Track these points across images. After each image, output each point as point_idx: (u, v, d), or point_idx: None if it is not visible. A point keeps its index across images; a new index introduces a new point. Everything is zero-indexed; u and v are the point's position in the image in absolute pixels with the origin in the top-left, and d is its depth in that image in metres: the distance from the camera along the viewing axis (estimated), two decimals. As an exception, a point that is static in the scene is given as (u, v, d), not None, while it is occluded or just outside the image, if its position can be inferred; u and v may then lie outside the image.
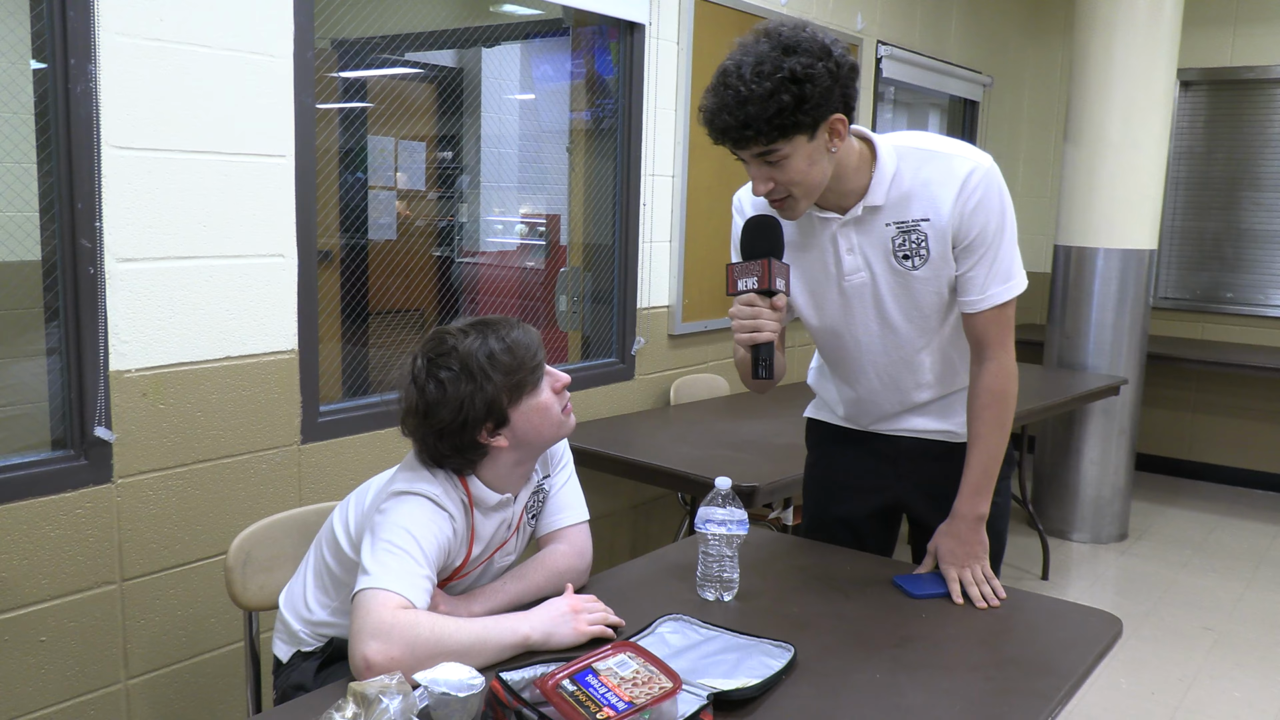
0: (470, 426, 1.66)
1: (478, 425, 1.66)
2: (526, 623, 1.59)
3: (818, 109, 1.63)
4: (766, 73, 1.59)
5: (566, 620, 1.61)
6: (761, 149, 1.66)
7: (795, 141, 1.65)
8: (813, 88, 1.60)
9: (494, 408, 1.66)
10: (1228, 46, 5.94)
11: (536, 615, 1.61)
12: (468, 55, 4.41)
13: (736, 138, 1.66)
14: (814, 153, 1.68)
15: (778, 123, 1.61)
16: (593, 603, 1.68)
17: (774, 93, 1.59)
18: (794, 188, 1.72)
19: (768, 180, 1.72)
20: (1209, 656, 3.79)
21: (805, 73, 1.59)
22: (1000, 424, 1.90)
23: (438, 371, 1.66)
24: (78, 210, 2.17)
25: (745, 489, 2.63)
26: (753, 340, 1.75)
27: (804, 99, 1.60)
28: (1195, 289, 6.27)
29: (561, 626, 1.60)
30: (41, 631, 2.23)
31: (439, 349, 1.69)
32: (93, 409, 2.24)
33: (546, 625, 1.59)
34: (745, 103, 1.60)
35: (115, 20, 2.18)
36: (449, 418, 1.65)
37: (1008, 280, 1.84)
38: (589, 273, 3.87)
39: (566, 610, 1.63)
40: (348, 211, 3.67)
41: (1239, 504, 5.79)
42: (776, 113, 1.60)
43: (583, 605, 1.66)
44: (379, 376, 3.46)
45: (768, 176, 1.71)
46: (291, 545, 2.02)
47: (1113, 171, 4.85)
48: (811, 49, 1.61)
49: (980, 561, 1.89)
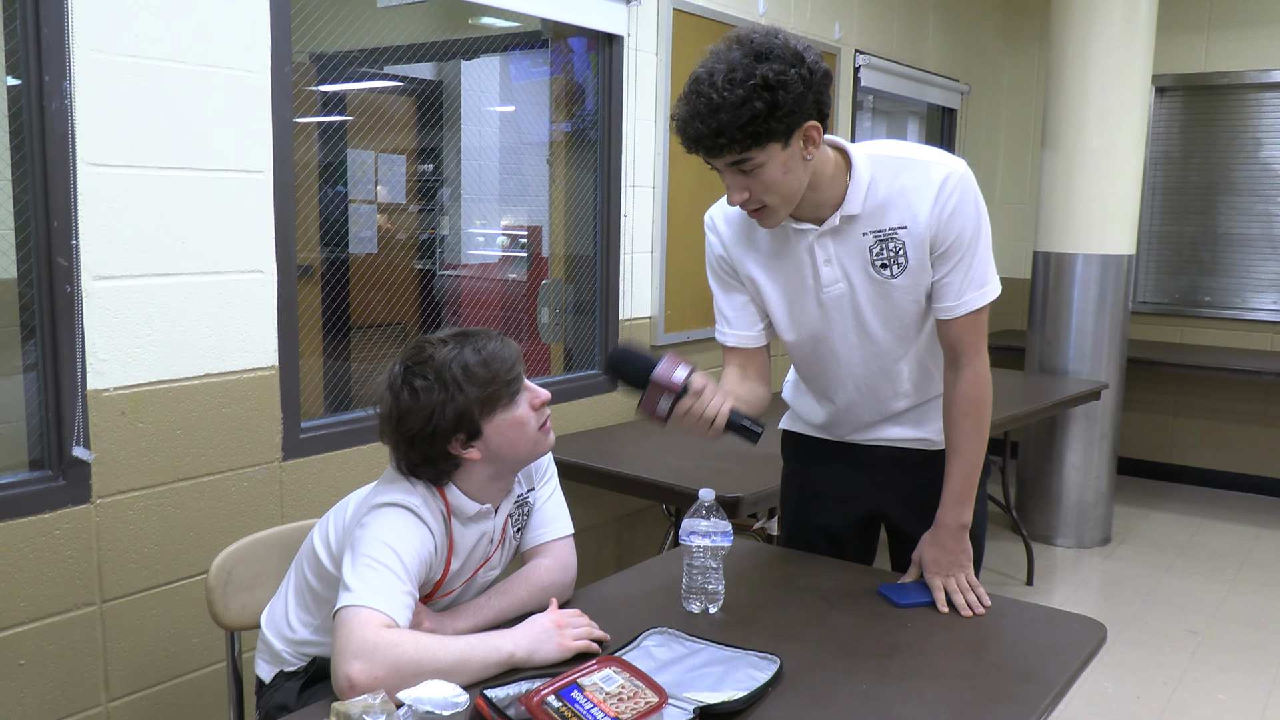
0: (440, 436, 1.65)
1: (447, 435, 1.66)
2: (510, 640, 1.58)
3: (791, 116, 1.61)
4: (739, 80, 1.58)
5: (551, 636, 1.60)
6: (735, 157, 1.64)
7: (769, 149, 1.63)
8: (785, 94, 1.59)
9: (465, 419, 1.66)
10: (1201, 52, 6.00)
11: (520, 632, 1.60)
12: (447, 68, 4.41)
13: (709, 146, 1.64)
14: (789, 161, 1.66)
15: (750, 130, 1.59)
16: (577, 618, 1.67)
17: (746, 100, 1.57)
18: (769, 197, 1.70)
19: (743, 190, 1.70)
20: (1193, 659, 3.81)
21: (778, 79, 1.58)
22: (979, 431, 1.90)
23: (413, 379, 1.67)
24: (54, 228, 2.15)
25: (729, 500, 2.63)
26: (720, 425, 1.70)
27: (777, 106, 1.59)
28: (1174, 293, 6.32)
29: (546, 643, 1.59)
30: (20, 655, 2.21)
31: (417, 357, 1.69)
32: (70, 428, 2.22)
33: (531, 642, 1.58)
34: (717, 110, 1.59)
35: (90, 36, 2.17)
36: (419, 426, 1.65)
37: (982, 286, 1.84)
38: (571, 284, 3.87)
39: (550, 626, 1.62)
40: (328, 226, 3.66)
41: (1220, 506, 5.82)
42: (749, 120, 1.58)
43: (567, 620, 1.65)
44: (361, 391, 3.45)
45: (743, 186, 1.69)
46: (273, 564, 2.00)
47: (1091, 177, 4.88)
48: (784, 55, 1.60)
49: (964, 570, 1.89)
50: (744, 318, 1.96)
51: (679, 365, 1.69)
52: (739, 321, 1.97)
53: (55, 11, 2.11)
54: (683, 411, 1.68)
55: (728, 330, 1.98)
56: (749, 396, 1.91)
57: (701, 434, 1.70)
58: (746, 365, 1.98)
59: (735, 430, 1.71)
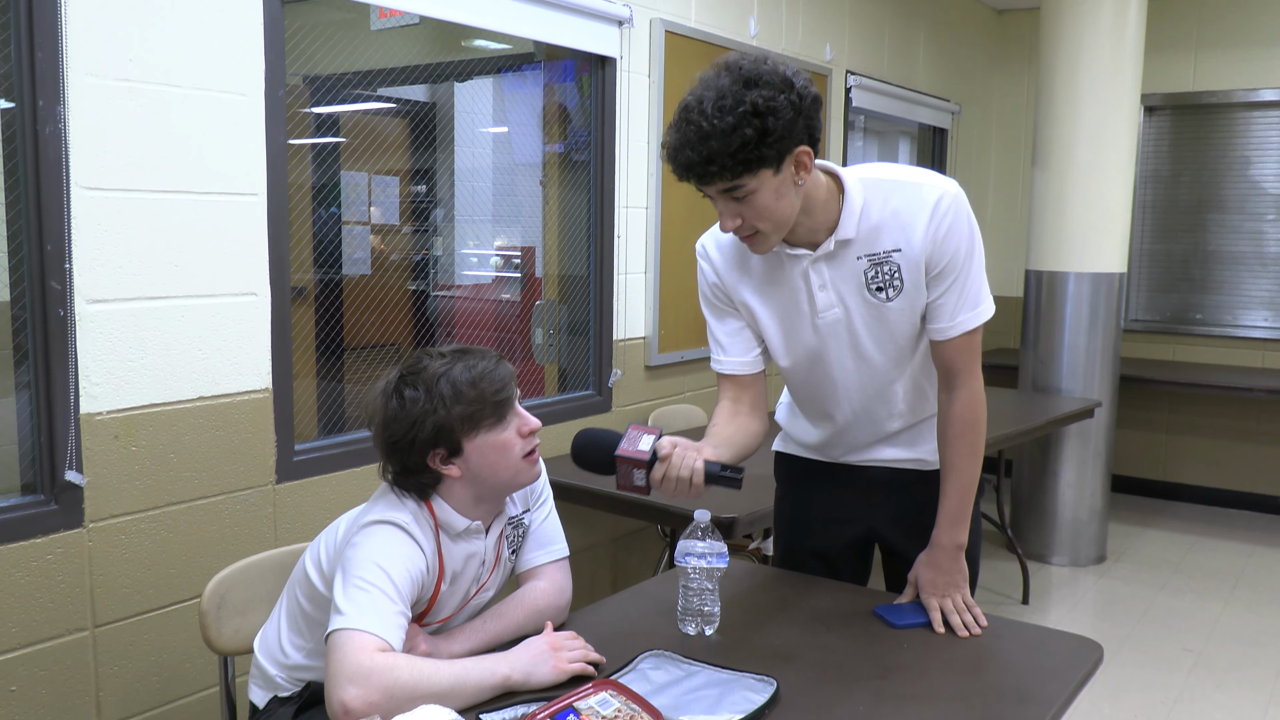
0: (418, 447, 1.66)
1: (426, 448, 1.66)
2: (505, 663, 1.57)
3: (781, 142, 1.61)
4: (728, 107, 1.57)
5: (546, 659, 1.60)
6: (726, 185, 1.64)
7: (760, 176, 1.63)
8: (775, 120, 1.59)
9: (444, 433, 1.66)
10: (1189, 72, 6.05)
11: (516, 655, 1.60)
12: (440, 90, 4.42)
13: (701, 174, 1.63)
14: (780, 186, 1.66)
15: (741, 157, 1.59)
16: (573, 640, 1.66)
17: (736, 127, 1.57)
18: (762, 223, 1.70)
19: (735, 216, 1.70)
20: (1189, 678, 3.80)
21: (767, 105, 1.58)
22: (974, 452, 1.90)
23: (404, 388, 1.68)
24: (47, 252, 2.15)
25: (724, 520, 2.62)
26: (699, 483, 1.68)
27: (767, 132, 1.59)
28: (1165, 311, 6.34)
29: (541, 665, 1.59)
30: (12, 681, 2.19)
31: (413, 368, 1.71)
32: (63, 452, 2.21)
33: (526, 664, 1.58)
34: (708, 138, 1.58)
35: (84, 61, 2.18)
36: (400, 434, 1.66)
37: (976, 306, 1.84)
38: (564, 305, 3.87)
39: (546, 648, 1.61)
40: (321, 247, 3.66)
41: (1215, 524, 5.83)
42: (740, 147, 1.58)
43: (562, 643, 1.64)
44: (355, 413, 3.44)
45: (735, 213, 1.69)
46: (267, 587, 1.99)
47: (1081, 196, 4.91)
48: (773, 81, 1.60)
49: (960, 590, 1.89)
50: (738, 344, 1.96)
51: (643, 434, 1.70)
52: (734, 348, 1.96)
53: (50, 35, 2.11)
54: (658, 479, 1.68)
55: (723, 358, 1.98)
56: (738, 437, 1.90)
57: (685, 494, 1.69)
58: (740, 397, 1.97)
59: (716, 481, 1.70)
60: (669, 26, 3.84)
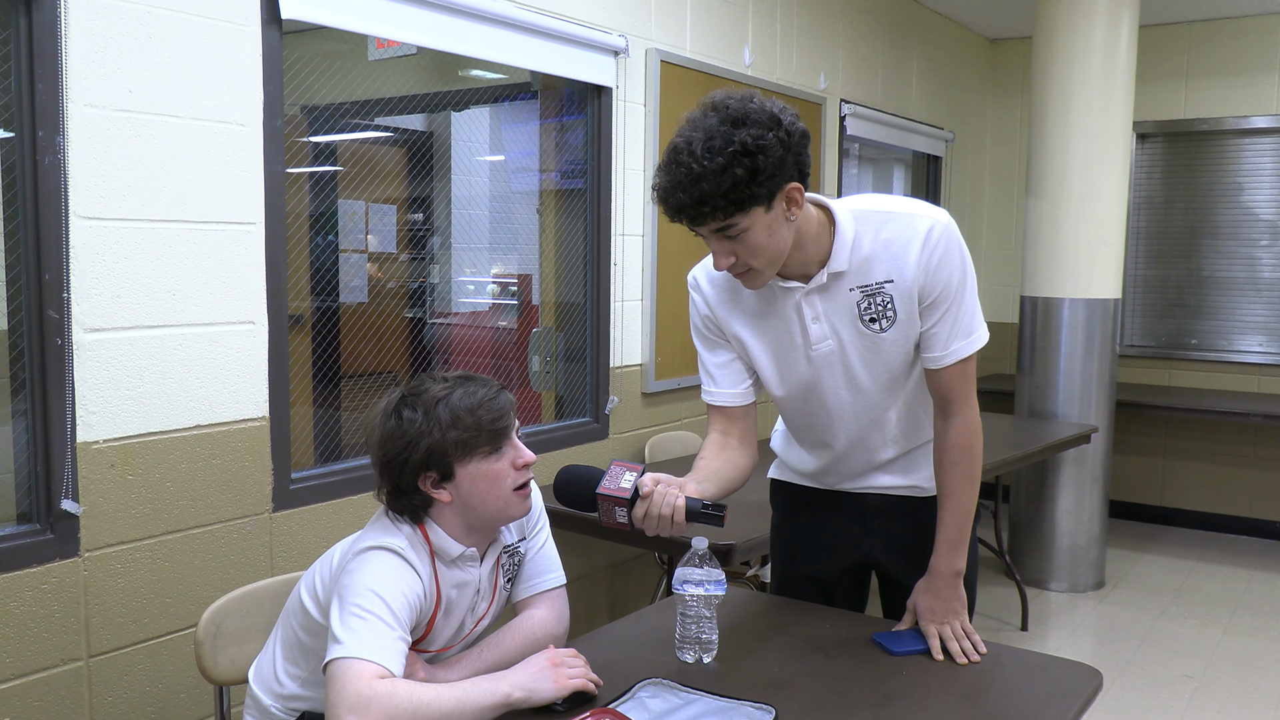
0: (410, 469, 1.67)
1: (418, 470, 1.67)
2: (507, 681, 1.58)
3: (772, 180, 1.62)
4: (717, 148, 1.58)
5: (548, 674, 1.60)
6: (719, 225, 1.65)
7: (752, 214, 1.64)
8: (765, 159, 1.59)
9: (436, 457, 1.66)
10: (1181, 99, 6.10)
11: (517, 674, 1.60)
12: (437, 119, 4.44)
13: (693, 215, 1.64)
14: (772, 223, 1.67)
15: (733, 197, 1.60)
16: (574, 657, 1.67)
17: (727, 168, 1.58)
18: (755, 260, 1.70)
19: (729, 255, 1.70)
20: (1190, 705, 3.78)
21: (756, 144, 1.58)
22: (970, 479, 1.90)
23: (403, 409, 1.69)
24: (45, 281, 2.16)
25: (722, 547, 2.62)
26: (681, 520, 1.67)
27: (757, 171, 1.59)
28: (1160, 336, 6.36)
29: (543, 681, 1.59)
30: (5, 711, 2.17)
31: (415, 390, 1.72)
32: (59, 481, 2.21)
33: (528, 682, 1.58)
34: (699, 180, 1.59)
35: (84, 92, 2.19)
36: (394, 453, 1.67)
37: (970, 335, 1.85)
38: (561, 332, 3.88)
39: (547, 665, 1.62)
40: (319, 275, 3.67)
41: (1213, 549, 5.82)
42: (731, 187, 1.59)
43: (563, 659, 1.65)
44: (352, 441, 3.44)
45: (728, 251, 1.70)
46: (263, 616, 1.98)
47: (1075, 223, 4.93)
48: (760, 119, 1.60)
49: (959, 617, 1.89)
50: (730, 376, 1.96)
51: (625, 471, 1.70)
52: (725, 380, 1.96)
53: (49, 67, 2.13)
54: (640, 517, 1.67)
55: (714, 389, 1.98)
56: (724, 471, 1.89)
57: (667, 532, 1.68)
58: (729, 429, 1.97)
59: (698, 518, 1.69)
60: (664, 56, 3.87)
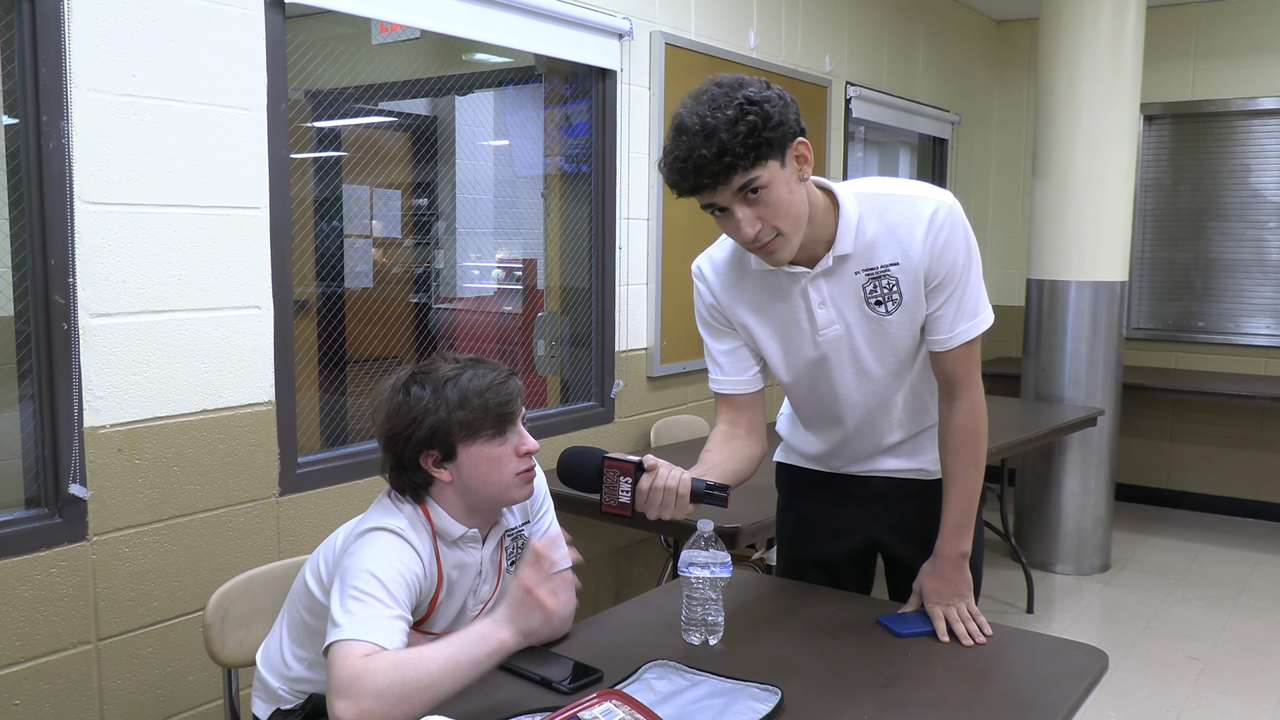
0: (414, 444, 1.68)
1: (420, 447, 1.68)
2: (499, 629, 1.52)
3: (781, 127, 1.63)
4: (723, 104, 1.61)
5: (531, 609, 1.52)
6: (742, 179, 1.63)
7: (770, 167, 1.64)
8: (770, 108, 1.62)
9: (440, 435, 1.67)
10: (1189, 81, 6.06)
11: (501, 615, 1.53)
12: (441, 103, 4.43)
13: (715, 171, 1.61)
14: (789, 180, 1.67)
15: (751, 143, 1.60)
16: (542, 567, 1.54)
17: (738, 118, 1.60)
18: (781, 221, 1.68)
19: (754, 221, 1.67)
20: (1195, 686, 3.79)
21: (760, 96, 1.62)
22: (975, 461, 1.90)
23: (412, 385, 1.71)
24: (51, 266, 2.16)
25: (728, 530, 2.62)
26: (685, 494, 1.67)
27: (767, 117, 1.61)
28: (1167, 319, 6.34)
29: (530, 617, 1.52)
30: (15, 695, 2.19)
31: (425, 368, 1.73)
32: (67, 466, 2.22)
33: (518, 623, 1.52)
34: (714, 133, 1.59)
35: (87, 77, 2.19)
36: (398, 429, 1.68)
37: (975, 316, 1.84)
38: (566, 316, 3.88)
39: (524, 598, 1.52)
40: (323, 261, 3.67)
41: (1219, 531, 5.82)
42: (748, 133, 1.59)
43: (533, 580, 1.53)
44: (357, 426, 3.44)
45: (753, 217, 1.67)
46: (271, 600, 1.99)
47: (1081, 205, 4.91)
48: (754, 83, 1.65)
49: (965, 599, 1.89)
50: (735, 363, 1.95)
51: (627, 456, 1.71)
52: (731, 367, 1.96)
53: (53, 52, 2.13)
54: (645, 490, 1.67)
55: (720, 377, 1.97)
56: (730, 463, 1.88)
57: (670, 509, 1.67)
58: (737, 419, 1.96)
59: (702, 498, 1.69)
60: (669, 39, 3.86)
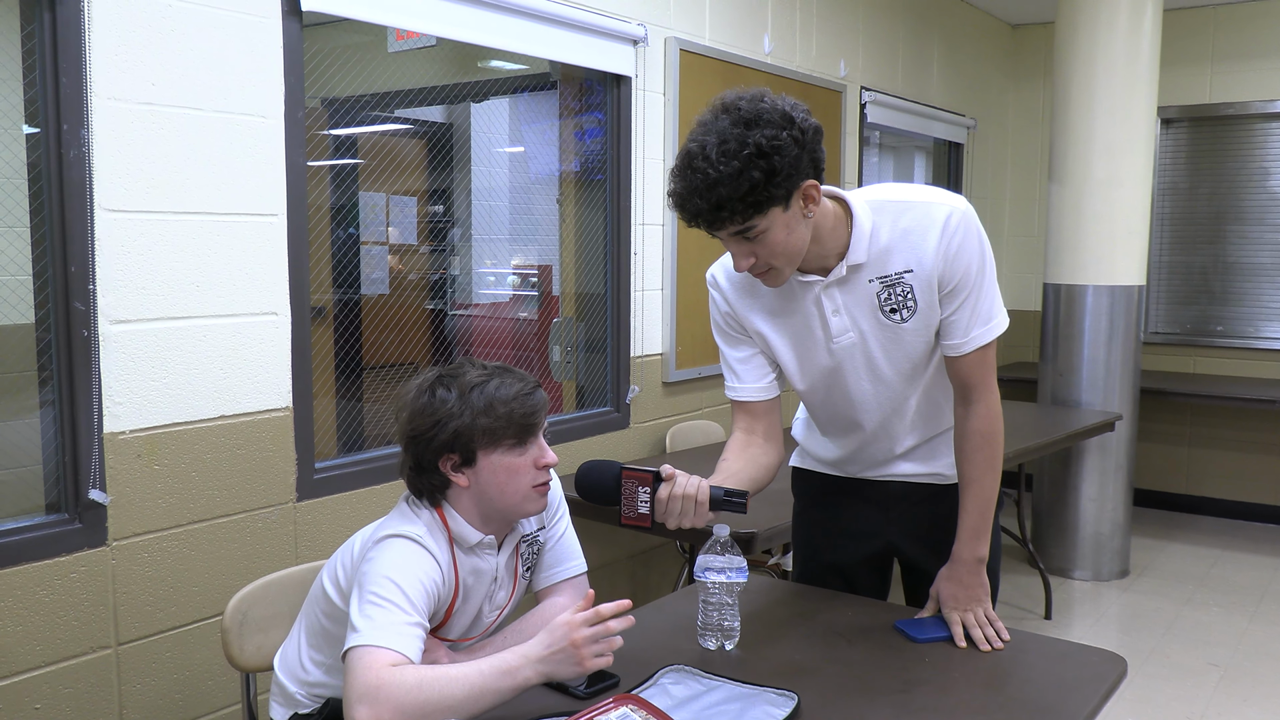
0: (434, 447, 1.68)
1: (441, 450, 1.68)
2: (526, 663, 1.52)
3: (789, 179, 1.60)
4: (732, 151, 1.57)
5: (569, 657, 1.53)
6: (737, 228, 1.64)
7: (770, 215, 1.63)
8: (781, 159, 1.58)
9: (461, 440, 1.67)
10: (1206, 83, 6.03)
11: (536, 654, 1.53)
12: (457, 110, 4.46)
13: (711, 220, 1.63)
14: (790, 222, 1.66)
15: (751, 200, 1.59)
16: (595, 628, 1.55)
17: (743, 171, 1.56)
18: (775, 260, 1.70)
19: (748, 256, 1.69)
20: (1216, 693, 3.76)
21: (771, 145, 1.57)
22: (992, 465, 1.89)
23: (438, 388, 1.71)
24: (71, 273, 2.18)
25: (744, 536, 2.62)
26: (704, 501, 1.67)
27: (774, 172, 1.58)
28: (1185, 323, 6.30)
29: (565, 665, 1.53)
30: (36, 699, 2.20)
31: (453, 371, 1.74)
32: (87, 472, 2.23)
33: (551, 667, 1.53)
34: (715, 185, 1.58)
35: (108, 85, 2.21)
36: (421, 429, 1.68)
37: (989, 321, 1.83)
38: (582, 322, 3.89)
39: (567, 646, 1.53)
40: (340, 267, 3.69)
41: (1239, 537, 5.77)
42: (748, 190, 1.58)
43: (584, 637, 1.54)
44: (374, 431, 3.46)
45: (748, 252, 1.69)
46: (288, 604, 2.00)
47: (1098, 209, 4.89)
48: (773, 119, 1.59)
49: (982, 604, 1.88)
50: (752, 371, 1.95)
51: (644, 468, 1.71)
52: (748, 375, 1.96)
53: (74, 62, 2.15)
54: (664, 500, 1.67)
55: (737, 385, 1.97)
56: (747, 471, 1.87)
57: (690, 517, 1.67)
58: (753, 427, 1.96)
59: (721, 505, 1.69)
60: (683, 45, 3.86)
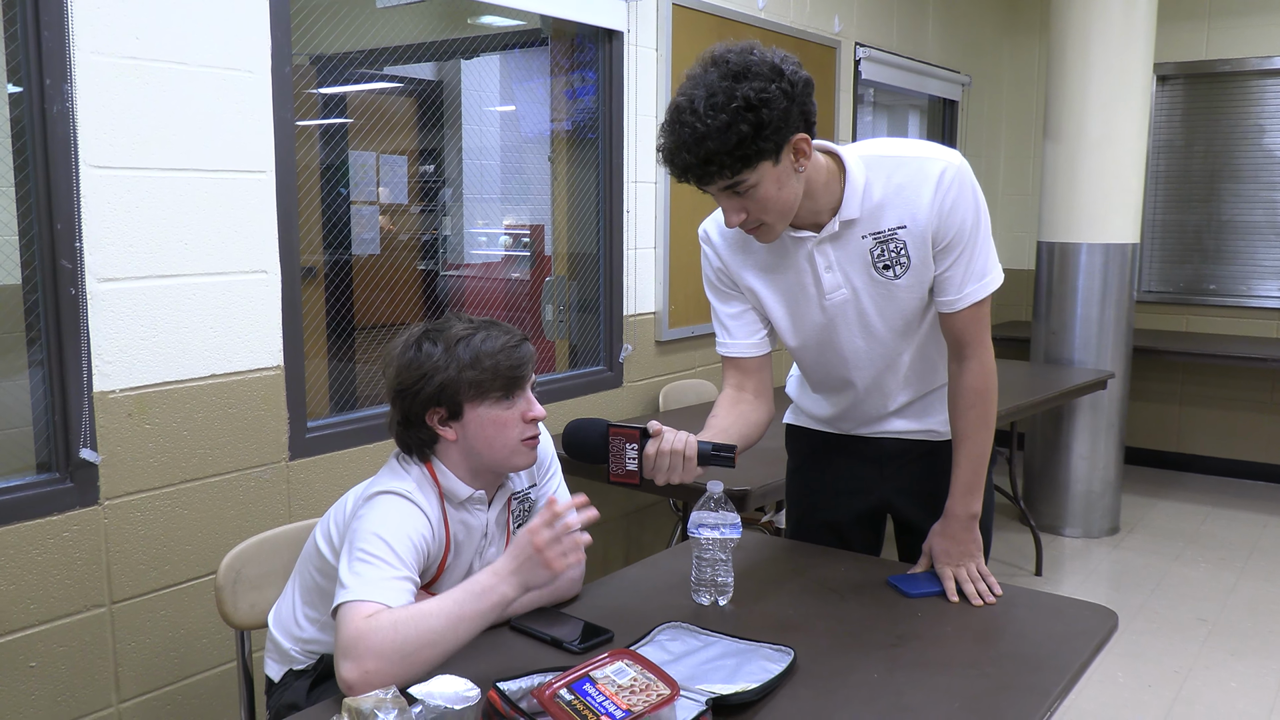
0: (420, 401, 1.68)
1: (427, 403, 1.68)
2: (502, 582, 1.51)
3: (778, 132, 1.58)
4: (720, 104, 1.54)
5: (536, 564, 1.51)
6: (727, 182, 1.62)
7: (760, 169, 1.61)
8: (769, 112, 1.56)
9: (447, 393, 1.67)
10: (1203, 40, 5.98)
11: (506, 568, 1.52)
12: (447, 68, 4.40)
13: (700, 174, 1.61)
14: (781, 176, 1.64)
15: (739, 154, 1.57)
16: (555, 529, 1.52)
17: (731, 124, 1.54)
18: (766, 215, 1.68)
19: (739, 211, 1.68)
20: (1204, 647, 3.80)
21: (760, 98, 1.55)
22: (985, 422, 1.89)
23: (424, 341, 1.71)
24: (57, 231, 2.15)
25: (737, 493, 2.62)
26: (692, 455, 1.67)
27: (763, 125, 1.56)
28: (1178, 282, 6.30)
29: (536, 572, 1.51)
30: (31, 657, 2.21)
31: (439, 325, 1.74)
32: (77, 431, 2.22)
33: (522, 578, 1.51)
34: (703, 139, 1.56)
35: (91, 40, 2.17)
36: (407, 383, 1.69)
37: (984, 277, 1.82)
38: (574, 281, 3.87)
39: (533, 553, 1.51)
40: (331, 227, 3.66)
41: (1228, 494, 5.81)
42: (737, 144, 1.55)
43: (546, 540, 1.51)
44: (366, 391, 3.45)
45: (739, 208, 1.67)
46: (281, 563, 2.00)
47: (1093, 167, 4.87)
48: (762, 72, 1.56)
49: (975, 559, 1.89)
50: (744, 327, 1.95)
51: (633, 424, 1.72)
52: (739, 331, 1.95)
53: (55, 15, 2.11)
54: (652, 456, 1.67)
55: (728, 340, 1.97)
56: (736, 427, 1.87)
57: (678, 472, 1.67)
58: (743, 384, 1.95)
59: (709, 460, 1.69)
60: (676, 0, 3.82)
